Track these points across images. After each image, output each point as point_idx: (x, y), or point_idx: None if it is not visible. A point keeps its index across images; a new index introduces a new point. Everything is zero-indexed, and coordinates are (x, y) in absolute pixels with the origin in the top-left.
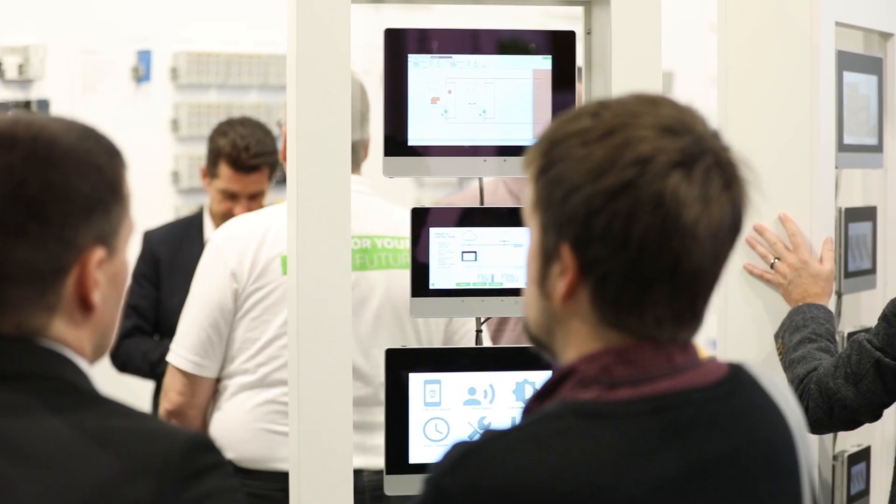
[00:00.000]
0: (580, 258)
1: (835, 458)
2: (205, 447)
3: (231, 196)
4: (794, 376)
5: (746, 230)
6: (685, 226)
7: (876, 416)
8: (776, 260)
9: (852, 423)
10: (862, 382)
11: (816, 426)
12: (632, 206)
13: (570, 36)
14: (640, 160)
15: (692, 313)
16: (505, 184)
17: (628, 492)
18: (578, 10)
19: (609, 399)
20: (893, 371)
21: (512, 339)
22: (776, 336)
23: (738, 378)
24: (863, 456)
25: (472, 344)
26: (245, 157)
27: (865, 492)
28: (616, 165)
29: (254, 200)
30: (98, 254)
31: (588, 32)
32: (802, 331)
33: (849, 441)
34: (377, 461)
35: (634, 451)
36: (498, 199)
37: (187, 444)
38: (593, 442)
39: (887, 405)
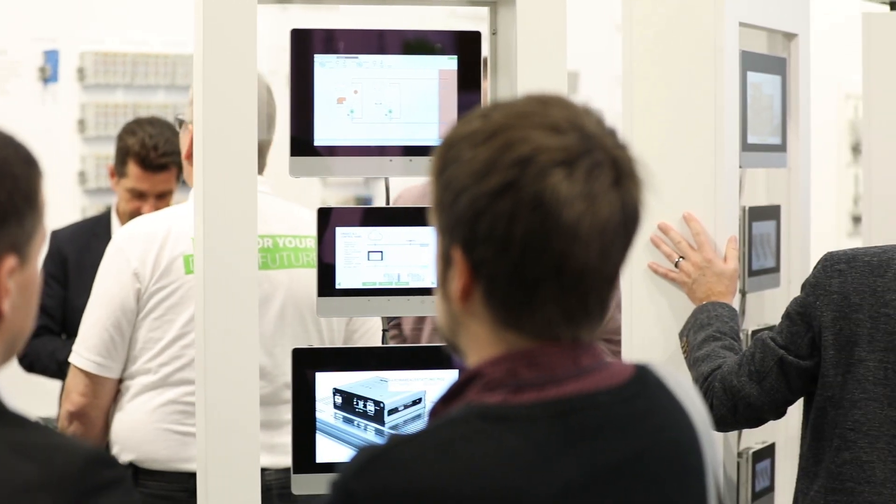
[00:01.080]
0: (470, 260)
1: (739, 455)
2: (104, 463)
3: (139, 195)
4: (698, 374)
5: (649, 229)
6: (566, 225)
7: (780, 413)
8: (680, 259)
9: (756, 421)
10: (766, 380)
11: (721, 424)
12: (513, 206)
13: (475, 36)
14: (520, 160)
15: (584, 312)
16: None
17: (534, 495)
18: (484, 11)
19: (515, 402)
20: (797, 369)
21: (427, 335)
22: (680, 335)
23: (643, 379)
24: (767, 453)
25: (372, 342)
26: (153, 157)
27: (770, 488)
28: (498, 166)
29: (161, 200)
30: (10, 262)
31: (494, 33)
32: (707, 329)
33: (753, 438)
34: (282, 460)
35: (540, 454)
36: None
37: (86, 460)
38: (499, 446)
39: (791, 402)
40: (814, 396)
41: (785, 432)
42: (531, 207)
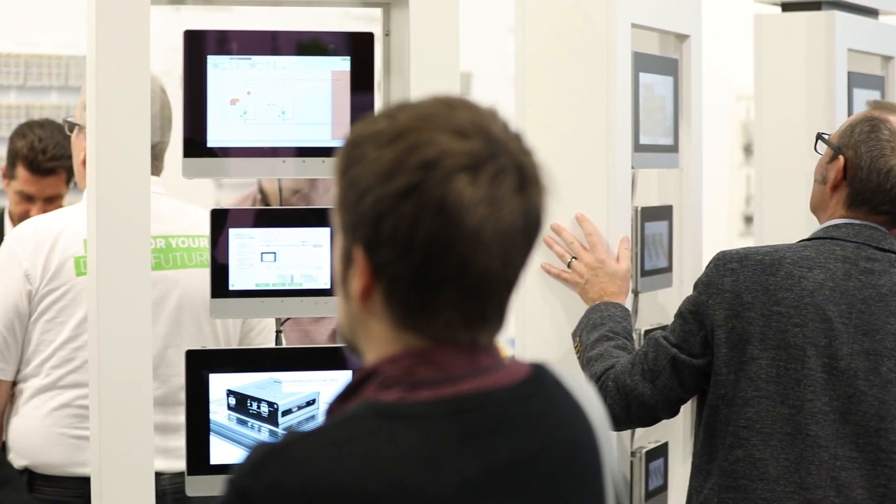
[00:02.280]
0: (371, 261)
1: (633, 454)
2: None
3: (27, 198)
4: (591, 374)
5: (545, 231)
6: (469, 229)
7: (673, 412)
8: (573, 259)
9: (650, 420)
10: (658, 379)
11: (615, 423)
12: (416, 209)
13: (368, 37)
14: (425, 164)
15: (483, 316)
16: None
17: (430, 493)
18: (377, 12)
19: (411, 400)
20: (689, 367)
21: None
22: (573, 335)
23: (540, 378)
24: (660, 452)
25: (267, 343)
26: (42, 160)
27: (663, 487)
28: (403, 169)
29: (50, 203)
30: None
31: (387, 34)
32: (600, 329)
33: (646, 437)
34: (177, 464)
35: (436, 452)
36: None
37: None
38: (395, 443)
39: (684, 401)
40: (707, 394)
41: (679, 431)
42: (435, 211)
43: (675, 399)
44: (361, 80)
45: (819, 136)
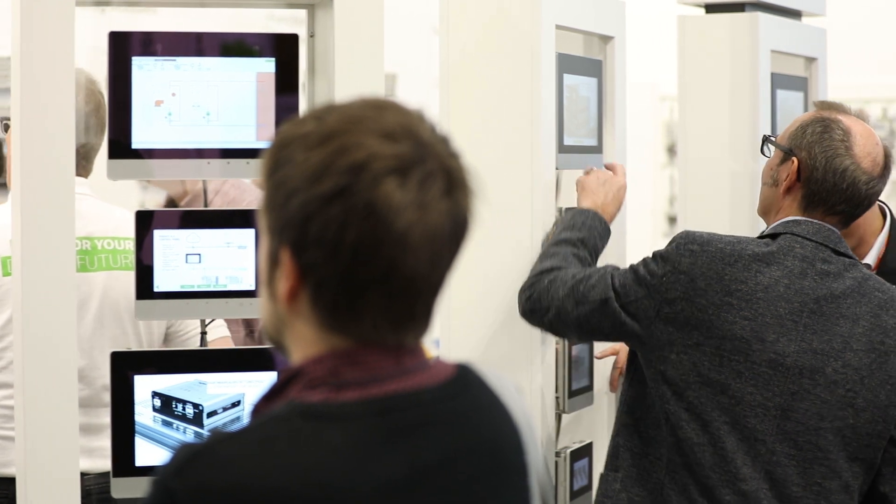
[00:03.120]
0: (298, 262)
1: (558, 454)
2: None
3: None
4: (541, 266)
5: (473, 235)
6: (397, 233)
7: (581, 339)
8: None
9: (557, 333)
10: (583, 306)
11: (528, 314)
12: (345, 212)
13: (293, 39)
14: (354, 166)
15: (411, 319)
16: None
17: (355, 493)
18: (302, 14)
19: (336, 401)
20: (615, 317)
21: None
22: (554, 223)
23: (464, 378)
24: (585, 452)
25: (194, 345)
26: None
27: (588, 487)
28: (331, 171)
29: None
30: None
31: (311, 35)
32: (575, 232)
33: (571, 438)
34: (101, 464)
35: (361, 452)
36: None
37: None
38: (320, 443)
39: (595, 337)
40: (638, 364)
41: (602, 432)
42: (363, 214)
43: (587, 330)
44: (286, 82)
45: (766, 139)
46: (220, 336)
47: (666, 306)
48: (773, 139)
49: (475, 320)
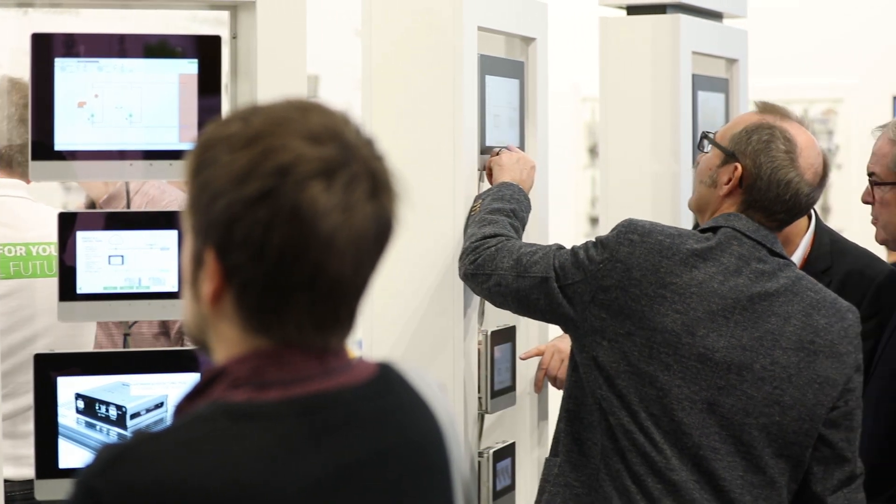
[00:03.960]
0: (223, 264)
1: (480, 454)
2: None
3: None
4: (480, 232)
5: (398, 237)
6: (322, 236)
7: (518, 311)
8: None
9: (496, 302)
10: (523, 280)
11: (468, 278)
12: (270, 215)
13: (215, 40)
14: (280, 169)
15: (335, 321)
16: None
17: (279, 491)
18: (225, 15)
19: (260, 400)
20: (551, 297)
21: None
22: (478, 197)
23: (387, 377)
24: (508, 452)
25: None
26: None
27: (511, 487)
28: (257, 174)
29: None
30: None
31: (234, 37)
32: (507, 203)
33: (494, 438)
34: (26, 471)
35: (284, 451)
36: None
37: None
38: (244, 443)
39: (531, 314)
40: (574, 348)
41: (525, 432)
42: (288, 217)
43: (524, 304)
44: (209, 83)
45: (706, 136)
46: None
47: (601, 293)
48: (712, 136)
49: (397, 321)
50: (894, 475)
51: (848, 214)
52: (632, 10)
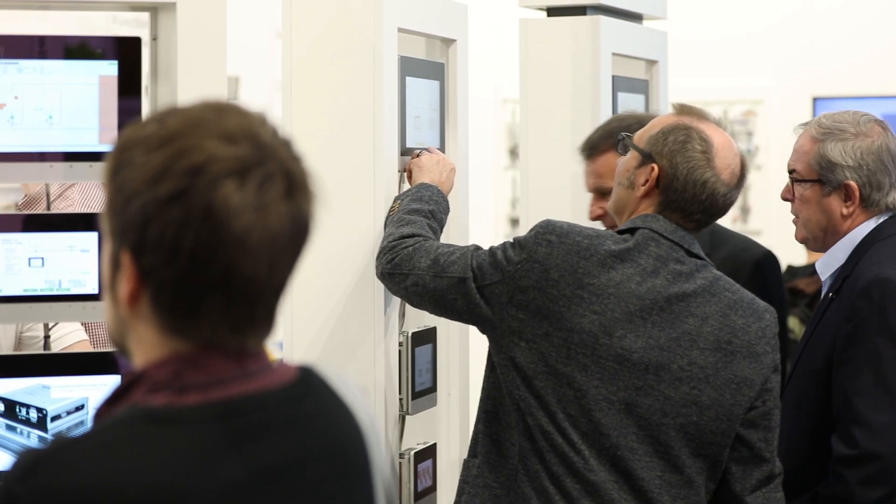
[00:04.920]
0: (138, 265)
1: (401, 455)
2: None
3: None
4: (398, 232)
5: (319, 238)
6: (236, 235)
7: (435, 312)
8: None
9: (413, 302)
10: (441, 280)
11: (385, 277)
12: (183, 215)
13: (135, 42)
14: (192, 169)
15: (251, 322)
16: None
17: (198, 496)
18: (145, 16)
19: (179, 404)
20: (468, 298)
21: None
22: (396, 198)
23: (308, 380)
24: (429, 453)
25: (34, 348)
26: None
27: (432, 488)
28: (170, 174)
29: None
30: None
31: (154, 38)
32: (426, 204)
33: (415, 439)
34: None
35: (204, 456)
36: None
37: None
38: (164, 447)
39: (449, 315)
40: (492, 349)
41: (444, 433)
42: (201, 217)
43: (442, 305)
44: (129, 85)
45: (623, 138)
46: (78, 340)
47: (519, 294)
48: (629, 138)
49: (318, 323)
50: (814, 476)
51: (768, 215)
52: (552, 11)
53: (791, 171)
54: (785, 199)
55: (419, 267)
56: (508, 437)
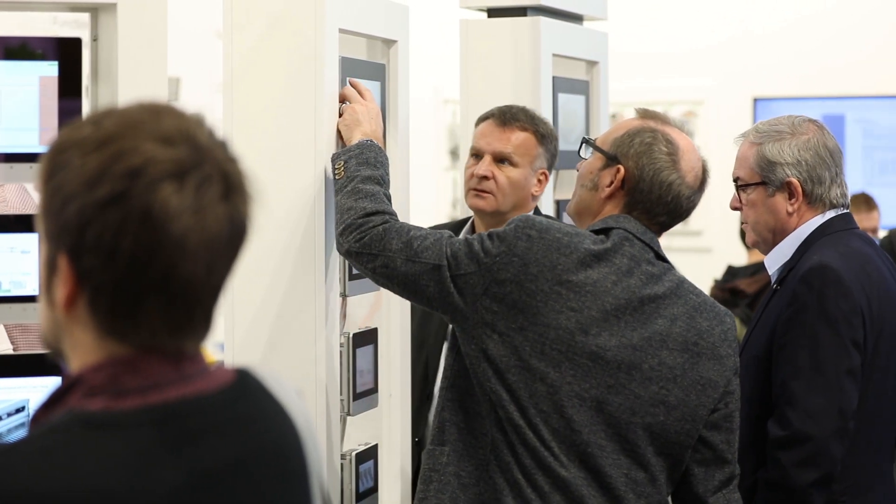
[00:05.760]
0: (75, 268)
1: (343, 457)
2: None
3: None
4: (359, 207)
5: (260, 240)
6: (174, 238)
7: (404, 295)
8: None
9: (380, 282)
10: (413, 265)
11: (352, 255)
12: (121, 218)
13: (76, 42)
14: (130, 172)
15: (190, 324)
16: None
17: (136, 501)
18: (86, 17)
19: (117, 409)
20: (441, 285)
21: None
22: (336, 157)
23: (245, 383)
24: (370, 454)
25: None
26: None
27: (374, 489)
28: (107, 177)
29: None
30: None
31: (95, 39)
32: (375, 169)
33: (356, 440)
34: None
35: (142, 460)
36: None
37: None
38: (101, 452)
39: (418, 300)
40: (461, 339)
41: (385, 435)
42: (140, 220)
43: (412, 289)
44: (69, 86)
45: (586, 141)
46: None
47: (495, 286)
48: (593, 142)
49: (259, 324)
50: (753, 462)
51: (708, 216)
52: (492, 12)
53: (735, 180)
54: (734, 208)
55: (390, 249)
56: (479, 426)
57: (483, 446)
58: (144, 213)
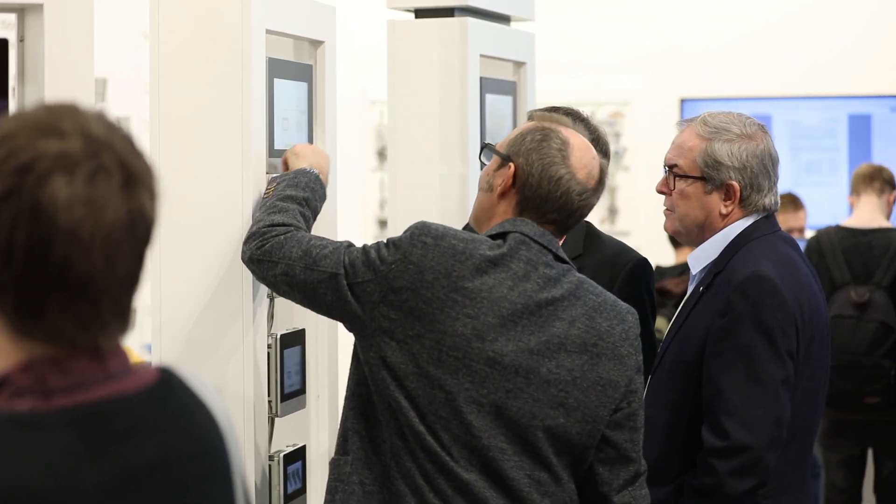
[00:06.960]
0: None
1: (271, 457)
2: None
3: None
4: (269, 220)
5: (175, 235)
6: (65, 230)
7: (303, 304)
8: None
9: (280, 291)
10: (311, 273)
11: (253, 263)
12: (14, 215)
13: (2, 44)
14: (19, 168)
15: (97, 319)
16: None
17: (64, 500)
18: (12, 18)
19: (44, 409)
20: (338, 293)
21: None
22: (272, 180)
23: (168, 382)
24: (298, 455)
25: None
26: None
27: (302, 490)
28: (0, 176)
29: None
30: None
31: (21, 40)
32: (301, 191)
33: (284, 441)
34: None
35: (69, 459)
36: None
37: None
38: (28, 452)
39: (317, 308)
40: (360, 346)
41: (313, 435)
42: (31, 215)
43: (311, 298)
44: None
45: (485, 146)
46: None
47: (392, 294)
48: (492, 146)
49: (186, 325)
50: (676, 466)
51: (635, 216)
52: (420, 13)
53: (672, 166)
54: (661, 192)
55: (289, 257)
56: (380, 434)
57: (384, 453)
58: (34, 208)
